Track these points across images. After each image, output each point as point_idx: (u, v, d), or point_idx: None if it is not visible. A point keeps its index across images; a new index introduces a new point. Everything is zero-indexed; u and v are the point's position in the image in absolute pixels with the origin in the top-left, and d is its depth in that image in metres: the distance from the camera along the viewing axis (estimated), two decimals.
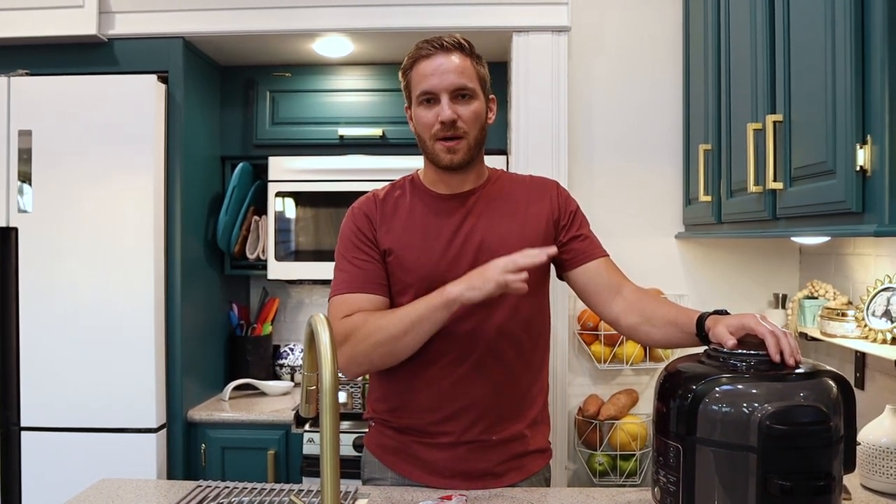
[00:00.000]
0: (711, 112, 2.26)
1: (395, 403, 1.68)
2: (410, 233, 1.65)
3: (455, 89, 1.58)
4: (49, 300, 2.47)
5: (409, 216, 1.67)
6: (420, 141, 1.65)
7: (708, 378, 1.27)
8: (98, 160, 2.46)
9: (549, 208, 1.71)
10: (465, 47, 1.62)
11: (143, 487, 1.68)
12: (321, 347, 1.10)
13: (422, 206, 1.68)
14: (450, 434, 1.63)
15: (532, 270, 1.66)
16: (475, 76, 1.62)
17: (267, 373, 3.11)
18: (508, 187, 1.73)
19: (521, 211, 1.69)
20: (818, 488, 1.18)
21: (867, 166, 1.30)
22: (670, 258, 2.75)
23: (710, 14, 2.28)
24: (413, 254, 1.63)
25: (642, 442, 2.58)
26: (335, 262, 1.69)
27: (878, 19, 1.26)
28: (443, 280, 1.58)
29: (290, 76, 2.97)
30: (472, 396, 1.61)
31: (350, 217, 1.70)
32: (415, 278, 1.62)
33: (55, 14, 2.51)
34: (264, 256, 2.94)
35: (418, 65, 1.61)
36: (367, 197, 1.72)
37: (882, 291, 1.93)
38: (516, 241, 1.63)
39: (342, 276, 1.65)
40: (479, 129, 1.63)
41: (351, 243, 1.66)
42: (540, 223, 1.69)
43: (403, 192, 1.71)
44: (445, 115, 1.56)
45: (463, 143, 1.60)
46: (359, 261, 1.64)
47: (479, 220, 1.66)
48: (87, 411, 2.45)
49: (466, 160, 1.62)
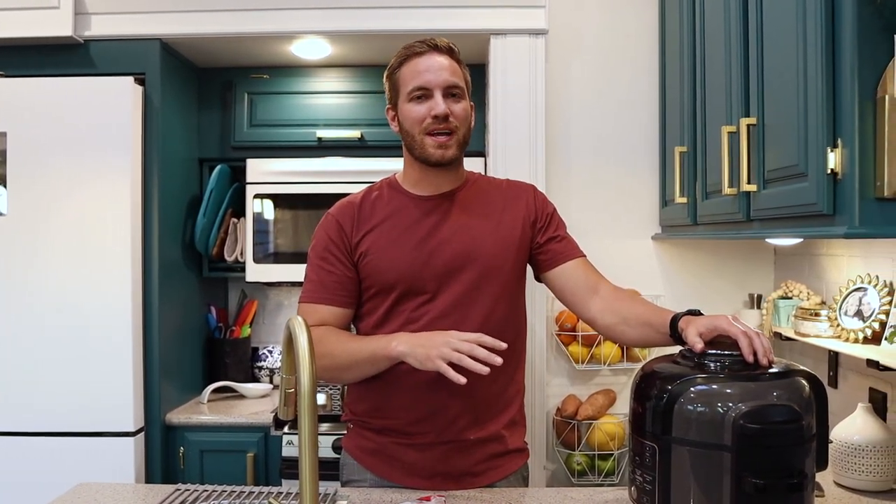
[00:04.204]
0: (687, 115, 2.29)
1: (372, 404, 1.69)
2: (387, 234, 1.66)
3: (448, 87, 1.62)
4: (25, 303, 2.44)
5: (386, 218, 1.68)
6: (407, 137, 1.66)
7: (683, 378, 1.28)
8: (75, 162, 2.44)
9: (525, 211, 1.73)
10: (455, 52, 1.67)
11: (122, 491, 1.67)
12: (299, 350, 1.11)
13: (399, 208, 1.69)
14: (427, 434, 1.64)
15: (508, 271, 1.68)
16: (463, 78, 1.67)
17: (245, 375, 3.10)
18: (485, 190, 1.75)
19: (497, 214, 1.71)
20: (792, 486, 1.20)
21: (838, 169, 1.32)
22: (647, 259, 2.77)
23: (686, 19, 2.31)
24: (390, 255, 1.64)
25: (620, 441, 2.59)
26: (307, 264, 1.72)
27: (847, 25, 1.28)
28: (420, 282, 1.61)
29: (268, 78, 2.96)
30: (449, 397, 1.62)
31: (324, 225, 1.72)
32: (393, 279, 1.64)
33: (30, 15, 2.48)
34: (242, 259, 2.93)
35: (410, 62, 1.64)
36: (342, 203, 1.74)
37: (854, 291, 1.96)
38: (492, 242, 1.67)
39: (309, 285, 1.70)
40: (467, 129, 1.67)
41: (321, 251, 1.69)
42: (516, 227, 1.71)
43: (381, 195, 1.73)
44: (440, 109, 1.59)
45: (454, 139, 1.63)
46: (324, 271, 1.68)
47: (456, 221, 1.68)
48: (64, 415, 2.43)
49: (456, 156, 1.65)
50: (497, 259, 1.67)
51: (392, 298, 1.65)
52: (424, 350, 1.48)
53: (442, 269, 1.63)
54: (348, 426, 1.78)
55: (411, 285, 1.63)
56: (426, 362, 1.47)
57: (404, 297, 1.64)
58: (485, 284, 1.64)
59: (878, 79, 1.26)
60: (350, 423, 1.77)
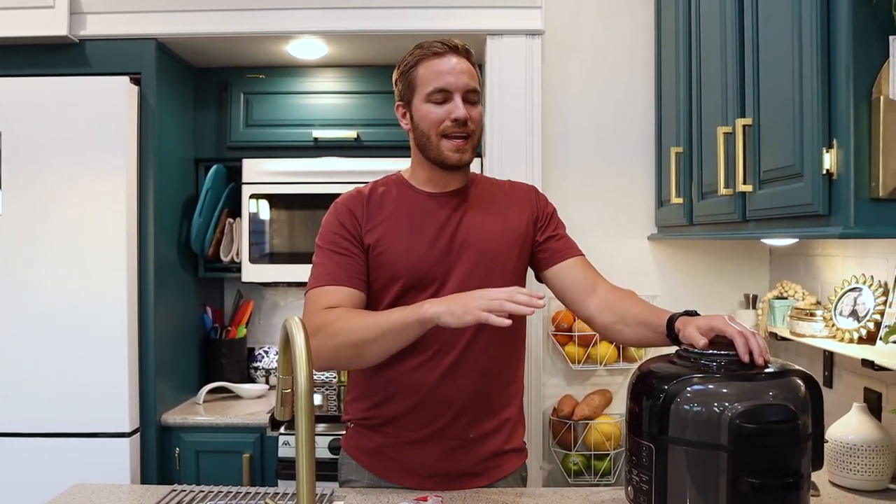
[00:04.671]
0: (683, 115, 2.29)
1: (372, 402, 1.69)
2: (398, 228, 1.65)
3: (468, 91, 1.62)
4: (20, 304, 2.43)
5: (395, 211, 1.67)
6: (422, 138, 1.64)
7: (679, 378, 1.29)
8: (70, 162, 2.44)
9: (528, 210, 1.75)
10: (472, 54, 1.67)
11: (117, 492, 1.67)
12: (296, 350, 1.11)
13: (408, 203, 1.68)
14: (427, 431, 1.64)
15: (512, 269, 1.68)
16: (478, 82, 1.67)
17: (241, 376, 3.09)
18: (490, 190, 1.77)
19: (503, 212, 1.72)
20: (787, 485, 1.21)
21: (833, 169, 1.32)
22: (643, 259, 2.78)
23: (681, 19, 2.31)
24: (401, 247, 1.63)
25: (616, 441, 2.60)
26: (314, 254, 1.67)
27: (842, 26, 1.29)
28: (429, 275, 1.61)
29: (264, 78, 2.96)
30: (451, 394, 1.62)
31: (333, 212, 1.69)
32: (402, 271, 1.62)
33: (25, 14, 2.47)
34: (238, 259, 2.92)
35: (428, 62, 1.62)
36: (351, 193, 1.72)
37: (849, 292, 1.97)
38: (499, 240, 1.67)
39: (321, 269, 1.63)
40: (481, 133, 1.69)
41: (333, 237, 1.65)
42: (521, 224, 1.72)
43: (388, 189, 1.71)
44: (461, 114, 1.59)
45: (469, 143, 1.64)
46: (338, 255, 1.63)
47: (465, 217, 1.68)
48: (59, 416, 2.42)
49: (471, 160, 1.66)
50: (503, 256, 1.67)
51: (396, 291, 1.63)
52: (461, 305, 1.41)
53: (451, 263, 1.63)
54: (348, 426, 1.77)
55: (420, 279, 1.62)
56: (465, 316, 1.39)
57: (410, 290, 1.62)
58: (490, 280, 1.64)
59: (873, 79, 1.27)
60: (350, 423, 1.76)
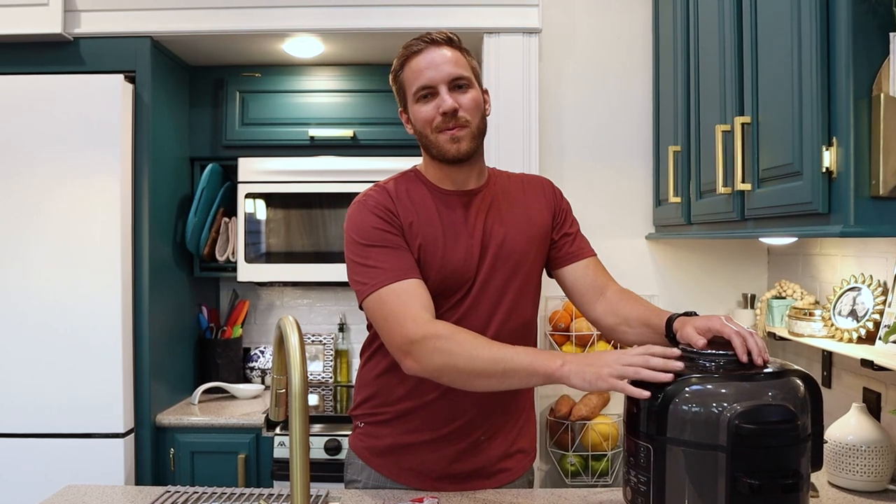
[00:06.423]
0: (681, 114, 2.28)
1: (384, 400, 1.65)
2: (432, 229, 1.58)
3: (452, 79, 1.54)
4: (12, 303, 2.42)
5: (426, 211, 1.59)
6: (422, 139, 1.59)
7: (678, 378, 1.27)
8: (64, 161, 2.42)
9: (546, 205, 1.71)
10: (454, 40, 1.59)
11: (111, 494, 1.65)
12: (290, 350, 1.09)
13: (435, 202, 1.61)
14: (440, 433, 1.61)
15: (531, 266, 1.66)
16: (468, 67, 1.59)
17: (237, 376, 3.08)
18: (507, 185, 1.71)
19: (525, 208, 1.68)
20: (787, 486, 1.20)
21: (833, 168, 1.31)
22: (641, 259, 2.77)
23: (680, 17, 2.30)
24: (439, 251, 1.56)
25: (614, 442, 2.59)
26: (354, 259, 1.55)
27: (842, 23, 1.28)
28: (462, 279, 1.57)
29: (259, 76, 2.95)
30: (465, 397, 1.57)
31: (365, 209, 1.57)
32: (437, 278, 1.56)
33: (19, 12, 2.45)
34: (234, 258, 2.91)
35: (410, 62, 1.57)
36: (376, 189, 1.61)
37: (848, 291, 1.96)
38: (525, 239, 1.64)
39: (382, 266, 1.51)
40: (481, 118, 1.59)
41: (379, 234, 1.54)
42: (542, 220, 1.69)
43: (412, 186, 1.63)
44: (447, 105, 1.52)
45: (466, 131, 1.55)
46: (394, 250, 1.53)
47: (491, 217, 1.63)
48: (53, 417, 2.41)
49: (472, 149, 1.58)
50: (526, 255, 1.64)
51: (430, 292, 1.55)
52: (594, 370, 1.31)
53: (480, 267, 1.58)
54: (357, 425, 1.72)
55: (451, 285, 1.56)
56: (598, 382, 1.30)
57: (438, 295, 1.56)
58: (515, 278, 1.61)
59: (872, 77, 1.26)
60: (360, 422, 1.71)
